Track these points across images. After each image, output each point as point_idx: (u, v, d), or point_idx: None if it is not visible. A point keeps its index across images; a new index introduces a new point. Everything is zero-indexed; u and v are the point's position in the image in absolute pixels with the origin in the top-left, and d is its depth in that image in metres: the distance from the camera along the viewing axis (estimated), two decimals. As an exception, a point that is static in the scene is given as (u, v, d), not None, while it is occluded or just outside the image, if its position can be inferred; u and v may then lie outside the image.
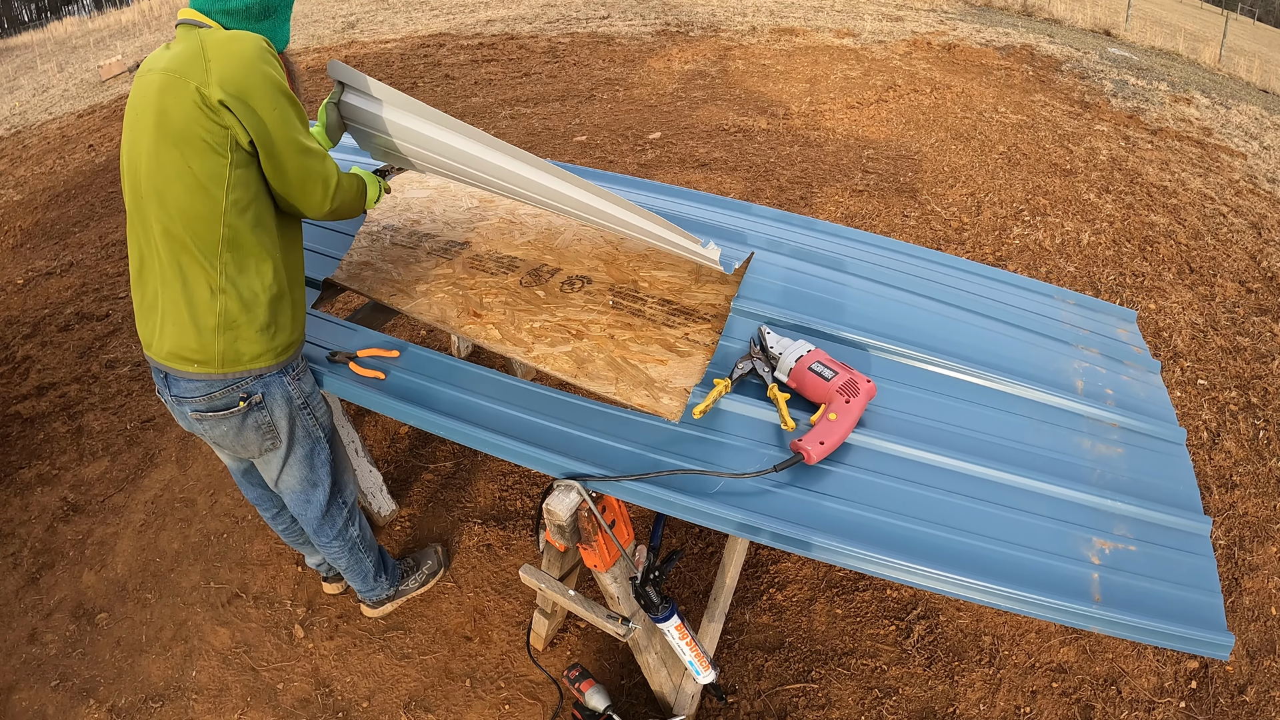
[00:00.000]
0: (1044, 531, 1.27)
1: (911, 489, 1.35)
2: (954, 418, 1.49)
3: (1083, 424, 1.50)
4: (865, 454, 1.43)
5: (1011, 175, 4.83)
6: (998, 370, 1.58)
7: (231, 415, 1.63)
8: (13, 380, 3.53)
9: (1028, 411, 1.51)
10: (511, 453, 1.53)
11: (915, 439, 1.44)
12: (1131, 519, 1.32)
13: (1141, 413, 1.53)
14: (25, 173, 6.51)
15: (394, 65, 7.91)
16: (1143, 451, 1.46)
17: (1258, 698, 2.02)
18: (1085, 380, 1.59)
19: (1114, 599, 1.18)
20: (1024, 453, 1.43)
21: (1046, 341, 1.70)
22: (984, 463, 1.39)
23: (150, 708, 2.12)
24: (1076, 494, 1.34)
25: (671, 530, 2.51)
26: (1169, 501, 1.35)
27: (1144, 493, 1.37)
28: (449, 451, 2.84)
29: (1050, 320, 1.79)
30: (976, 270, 2.02)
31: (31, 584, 2.52)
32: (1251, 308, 3.58)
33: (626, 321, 1.85)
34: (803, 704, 2.01)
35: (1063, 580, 1.20)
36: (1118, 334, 1.80)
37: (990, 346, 1.66)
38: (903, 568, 1.21)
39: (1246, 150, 5.55)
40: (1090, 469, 1.41)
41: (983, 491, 1.34)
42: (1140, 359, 1.70)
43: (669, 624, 1.65)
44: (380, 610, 2.27)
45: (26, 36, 17.26)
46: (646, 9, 9.54)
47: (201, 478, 2.84)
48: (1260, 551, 2.41)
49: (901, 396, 1.55)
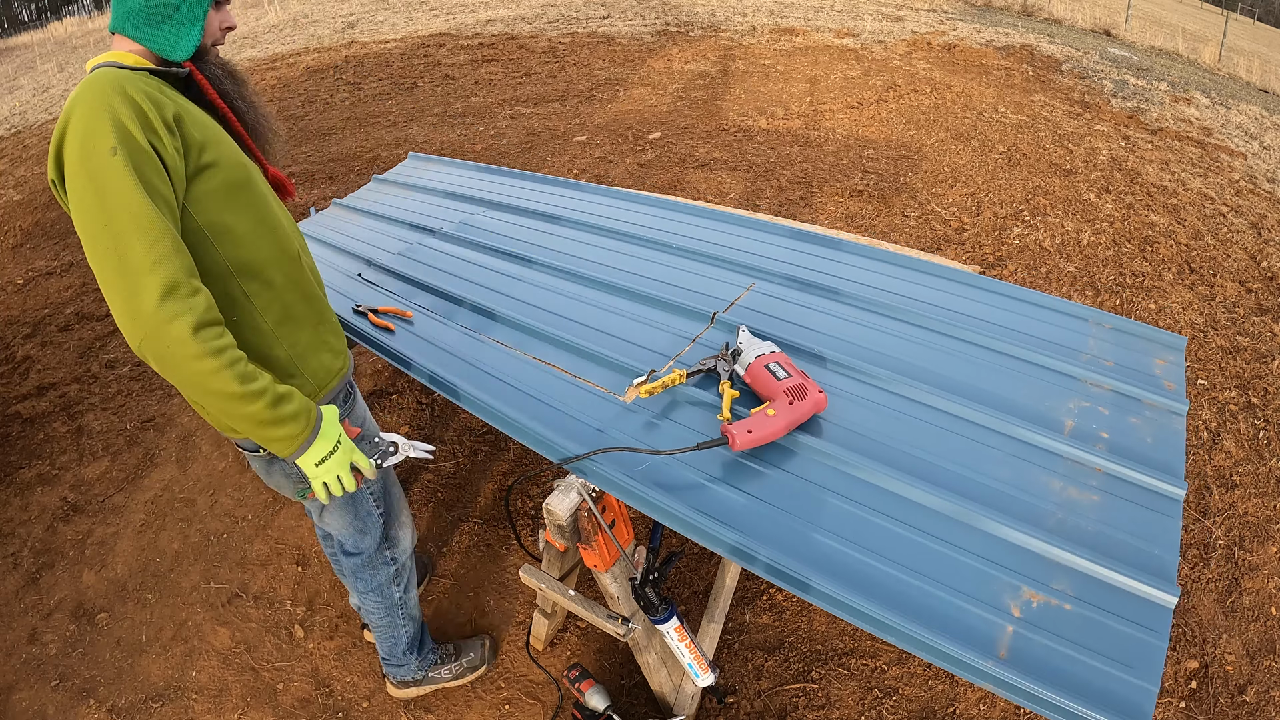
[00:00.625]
0: (967, 571, 1.17)
1: (839, 501, 1.30)
2: (911, 439, 1.44)
3: (1059, 464, 1.37)
4: (806, 462, 1.39)
5: (1011, 175, 4.83)
6: (976, 401, 1.52)
7: (257, 456, 1.45)
8: (13, 380, 3.53)
9: (997, 444, 1.42)
10: (474, 404, 1.64)
11: (859, 452, 1.40)
12: (1077, 573, 1.17)
13: (1139, 461, 1.38)
14: (25, 173, 6.51)
15: (394, 65, 7.91)
16: (1123, 503, 1.30)
17: (1258, 698, 2.02)
18: (1078, 420, 1.48)
19: (1020, 660, 1.04)
20: (974, 484, 1.33)
21: (1045, 374, 1.61)
22: (922, 486, 1.31)
23: (150, 708, 2.12)
24: (1021, 536, 1.22)
25: (671, 531, 2.51)
26: (1135, 564, 1.18)
27: (1105, 548, 1.21)
28: (449, 451, 2.84)
29: (1064, 349, 1.68)
30: (1003, 290, 1.89)
31: (31, 584, 2.52)
32: (1251, 308, 3.58)
33: (626, 322, 1.85)
34: (803, 704, 2.01)
35: (969, 628, 1.09)
36: (1152, 365, 1.64)
37: (977, 377, 1.60)
38: (797, 578, 1.17)
39: (1246, 150, 5.54)
40: (1050, 512, 1.28)
41: (912, 516, 1.27)
42: (1168, 396, 1.55)
43: (668, 626, 1.65)
44: (405, 693, 2.04)
45: (26, 36, 17.25)
46: (646, 9, 9.54)
47: (201, 478, 2.84)
48: (1260, 551, 2.41)
49: (861, 414, 1.50)
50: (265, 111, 1.46)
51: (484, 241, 2.37)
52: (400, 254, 2.36)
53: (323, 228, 2.66)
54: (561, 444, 1.47)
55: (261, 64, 8.72)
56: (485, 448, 2.84)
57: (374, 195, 2.93)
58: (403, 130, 6.12)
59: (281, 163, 1.54)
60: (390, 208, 2.76)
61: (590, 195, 2.65)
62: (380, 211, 2.73)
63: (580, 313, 1.93)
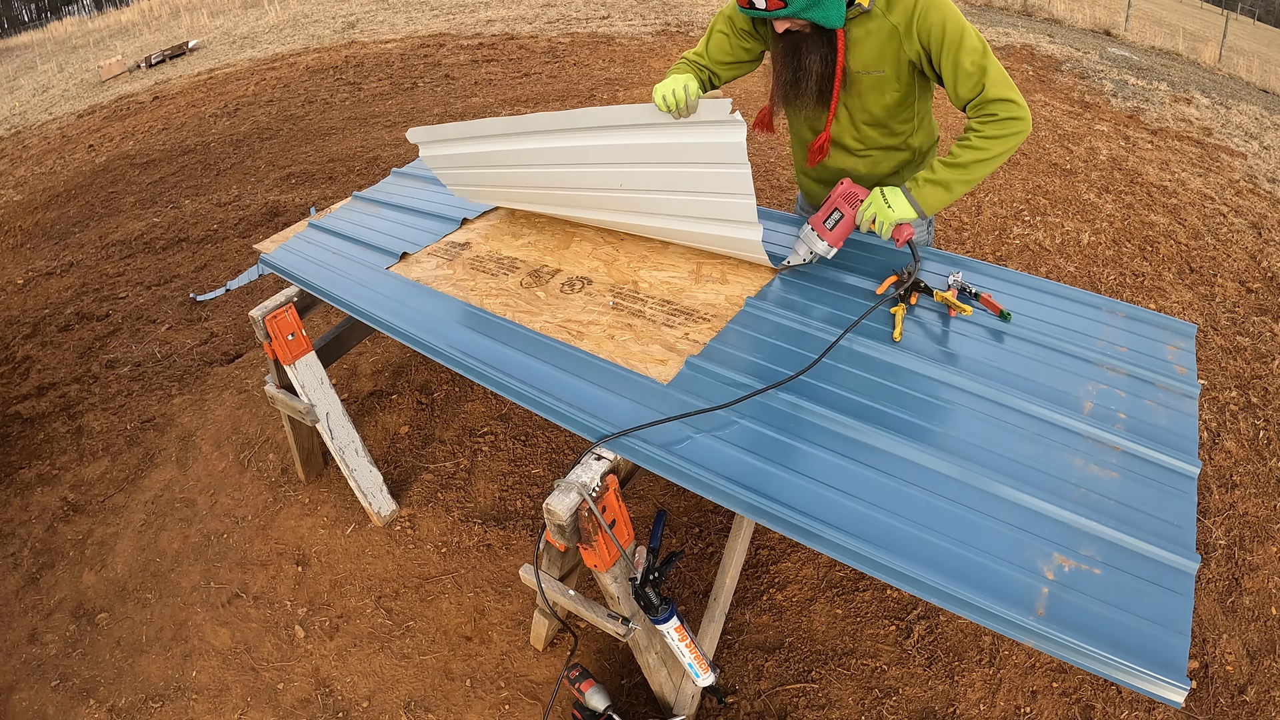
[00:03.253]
0: (1002, 538, 1.25)
1: (877, 476, 1.37)
2: (934, 417, 1.49)
3: (1080, 443, 1.44)
4: (839, 439, 1.46)
5: (1011, 175, 4.83)
6: (997, 382, 1.57)
7: None
8: (13, 380, 3.53)
9: (1019, 423, 1.48)
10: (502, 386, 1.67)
11: (890, 429, 1.45)
12: (1105, 542, 1.25)
13: (1155, 440, 1.45)
14: (25, 173, 6.52)
15: (394, 65, 7.91)
16: (1141, 479, 1.37)
17: (1258, 698, 2.02)
18: (1097, 401, 1.54)
19: (1058, 616, 1.13)
20: (1001, 459, 1.39)
21: (1064, 359, 1.65)
22: (954, 460, 1.37)
23: (150, 708, 2.12)
24: (1049, 507, 1.29)
25: (671, 531, 2.51)
26: (1156, 533, 1.26)
27: (1128, 519, 1.29)
28: (449, 451, 2.85)
29: (1080, 335, 1.72)
30: (1017, 279, 1.91)
31: (31, 584, 2.53)
32: (1251, 308, 3.58)
33: (627, 322, 1.85)
34: (803, 704, 2.01)
35: (1008, 588, 1.16)
36: (1164, 352, 1.68)
37: (997, 359, 1.64)
38: (845, 548, 1.25)
39: (1246, 150, 5.55)
40: (1074, 487, 1.35)
41: (948, 489, 1.34)
42: (1180, 380, 1.59)
43: (668, 626, 1.65)
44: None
45: (26, 36, 17.26)
46: (646, 9, 9.54)
47: (201, 478, 2.84)
48: (1260, 551, 2.41)
49: (884, 394, 1.56)
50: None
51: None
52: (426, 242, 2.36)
53: (343, 223, 2.62)
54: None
55: (261, 64, 8.72)
56: (485, 448, 2.84)
57: (393, 190, 2.87)
58: (402, 130, 6.12)
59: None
60: (410, 200, 2.72)
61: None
62: (402, 203, 2.69)
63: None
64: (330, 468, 2.76)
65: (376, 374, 3.24)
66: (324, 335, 2.48)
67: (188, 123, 7.15)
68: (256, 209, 4.90)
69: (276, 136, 6.37)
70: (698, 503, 2.60)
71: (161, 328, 3.79)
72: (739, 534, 1.98)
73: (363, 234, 2.47)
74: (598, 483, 1.49)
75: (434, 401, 3.08)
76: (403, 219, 2.58)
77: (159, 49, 11.04)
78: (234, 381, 3.28)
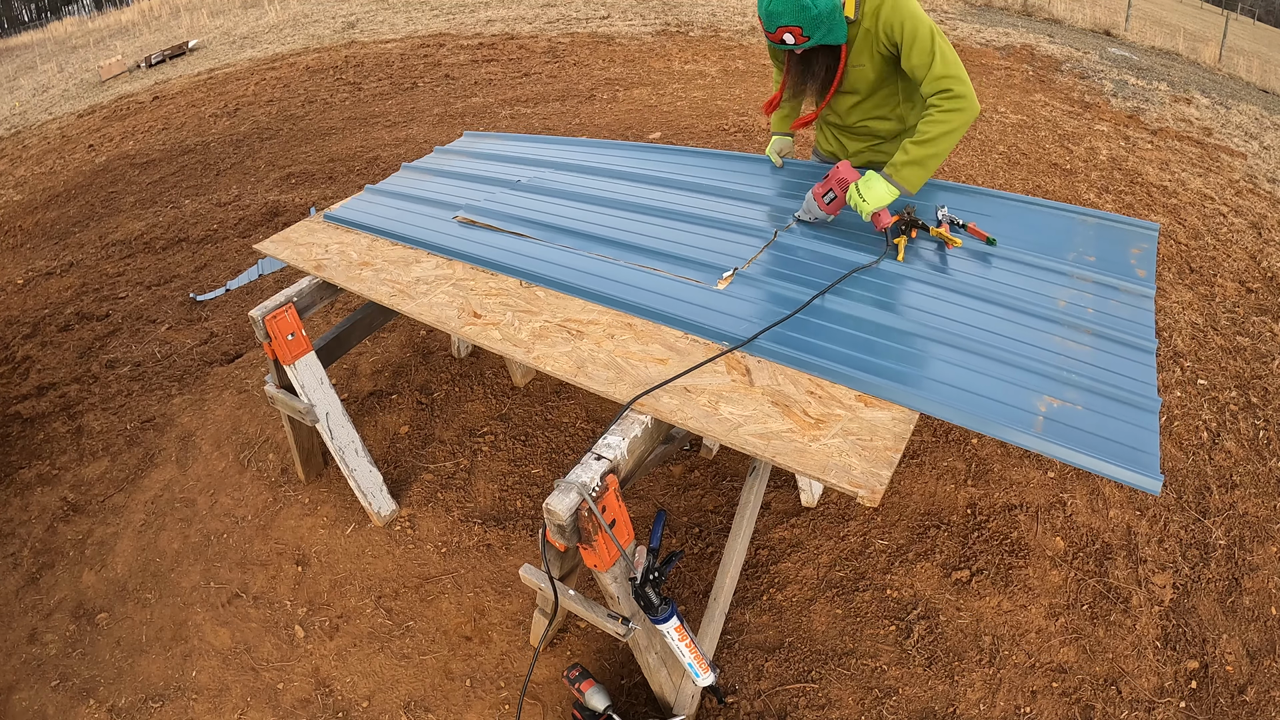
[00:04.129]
0: (1003, 388, 1.59)
1: (903, 347, 1.72)
2: (940, 313, 1.82)
3: (1056, 328, 1.76)
4: (875, 327, 1.79)
5: (1011, 175, 4.83)
6: (985, 289, 1.87)
7: None
8: (13, 380, 3.53)
9: (1005, 315, 1.80)
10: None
11: (913, 321, 1.79)
12: (1083, 390, 1.57)
13: (1118, 328, 1.76)
14: (25, 173, 6.52)
15: (394, 65, 7.91)
16: (1107, 354, 1.69)
17: (1258, 698, 2.02)
18: (1070, 300, 1.85)
19: (1052, 433, 1.46)
20: (994, 337, 1.73)
21: (1041, 272, 1.93)
22: (957, 341, 1.71)
23: (150, 708, 2.12)
24: (1038, 366, 1.64)
25: (671, 531, 2.51)
26: (1123, 387, 1.58)
27: (1100, 378, 1.61)
28: (449, 451, 2.84)
29: (1055, 249, 2.01)
30: (1003, 198, 2.21)
31: (31, 584, 2.53)
32: (1251, 308, 3.58)
33: (627, 321, 1.85)
34: (803, 704, 2.01)
35: (1011, 416, 1.51)
36: (1128, 255, 1.96)
37: (984, 274, 1.94)
38: (893, 389, 1.59)
39: (1246, 150, 5.55)
40: (1054, 356, 1.67)
41: (958, 358, 1.68)
42: (1140, 283, 1.88)
43: (668, 625, 1.65)
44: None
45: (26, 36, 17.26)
46: (646, 9, 9.54)
47: (201, 478, 2.84)
48: (1260, 551, 2.41)
49: (897, 299, 1.87)
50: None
51: (559, 189, 2.56)
52: (486, 201, 2.52)
53: (401, 186, 2.80)
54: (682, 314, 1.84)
55: (261, 64, 8.72)
56: (485, 448, 2.84)
57: (439, 162, 3.02)
58: (403, 130, 6.12)
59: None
60: (459, 170, 2.87)
61: (643, 154, 2.82)
62: (453, 171, 2.86)
63: (669, 234, 2.22)
64: (330, 468, 2.76)
65: (376, 374, 3.24)
66: (324, 335, 2.48)
67: (188, 123, 7.15)
68: (256, 209, 4.90)
69: (276, 136, 6.37)
70: (698, 502, 2.60)
71: (161, 328, 3.79)
72: (739, 534, 1.98)
73: (425, 194, 2.62)
74: (598, 483, 1.49)
75: (434, 401, 3.08)
76: (455, 184, 2.69)
77: (159, 49, 11.05)
78: (234, 381, 3.28)
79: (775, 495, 2.59)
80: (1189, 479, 2.66)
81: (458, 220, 2.38)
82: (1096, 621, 2.18)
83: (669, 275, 1.99)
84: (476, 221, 2.33)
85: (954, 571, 2.31)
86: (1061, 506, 2.51)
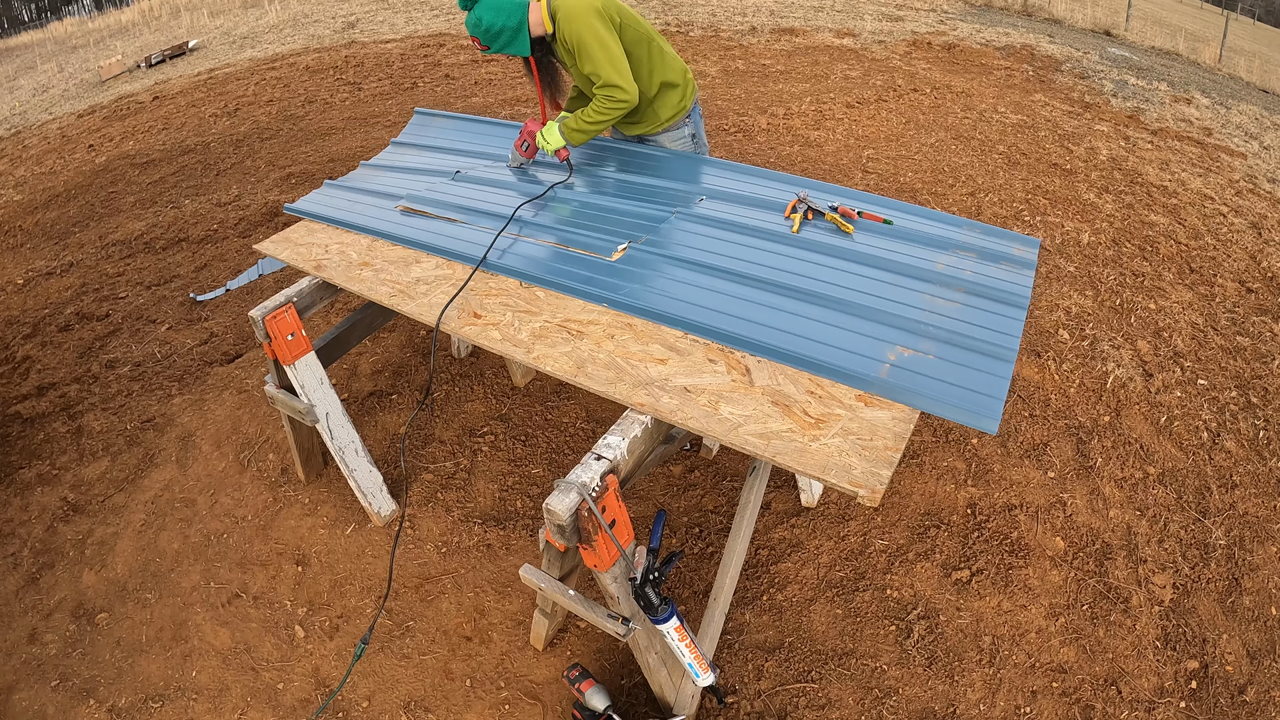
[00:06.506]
0: (854, 339, 1.70)
1: (759, 308, 1.84)
2: (817, 276, 1.94)
3: (929, 287, 1.85)
4: (759, 291, 1.91)
5: (1011, 175, 4.83)
6: (866, 255, 2.00)
7: None
8: (13, 380, 3.53)
9: (879, 277, 1.90)
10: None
11: (783, 284, 1.91)
12: (939, 342, 1.66)
13: (994, 289, 1.83)
14: (25, 173, 6.52)
15: (394, 65, 7.90)
16: (976, 310, 1.77)
17: (1258, 698, 2.02)
18: (949, 265, 1.95)
19: (896, 380, 1.57)
20: (859, 295, 1.82)
21: (924, 248, 2.04)
22: (822, 303, 1.82)
23: (150, 708, 2.12)
24: (897, 320, 1.73)
25: (671, 531, 2.51)
26: (984, 340, 1.66)
27: (961, 331, 1.68)
28: (449, 451, 2.84)
29: (943, 236, 2.09)
30: (900, 206, 2.28)
31: (31, 584, 2.53)
32: (1251, 308, 3.58)
33: (626, 321, 1.85)
34: (803, 704, 2.01)
35: (857, 366, 1.61)
36: (1011, 251, 2.04)
37: (870, 242, 2.08)
38: (739, 338, 1.72)
39: (1246, 150, 5.55)
40: (920, 310, 1.76)
41: (813, 313, 1.79)
42: (1018, 260, 1.97)
43: (668, 625, 1.65)
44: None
45: (26, 36, 17.26)
46: (646, 9, 9.53)
47: (201, 478, 2.84)
48: (1260, 551, 2.41)
49: (785, 263, 2.00)
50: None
51: (490, 178, 2.71)
52: (427, 191, 2.65)
53: (357, 181, 2.89)
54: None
55: (261, 64, 8.72)
56: (485, 448, 2.84)
57: (392, 157, 3.13)
58: (402, 130, 6.11)
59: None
60: (410, 165, 2.97)
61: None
62: (404, 166, 2.98)
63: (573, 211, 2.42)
64: (330, 468, 2.76)
65: (376, 374, 3.24)
66: (324, 335, 2.48)
67: (188, 123, 7.15)
68: (256, 209, 4.90)
69: (276, 136, 6.37)
70: (698, 502, 2.60)
71: (161, 328, 3.79)
72: (739, 534, 1.98)
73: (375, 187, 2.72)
74: (598, 483, 1.49)
75: (434, 401, 3.08)
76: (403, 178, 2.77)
77: (159, 49, 11.04)
78: (234, 381, 3.28)
79: (775, 495, 2.59)
80: (1189, 479, 2.66)
81: (399, 209, 2.55)
82: (1096, 621, 2.18)
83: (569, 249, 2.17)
84: (415, 209, 2.52)
85: (954, 571, 2.31)
86: (1061, 506, 2.51)
